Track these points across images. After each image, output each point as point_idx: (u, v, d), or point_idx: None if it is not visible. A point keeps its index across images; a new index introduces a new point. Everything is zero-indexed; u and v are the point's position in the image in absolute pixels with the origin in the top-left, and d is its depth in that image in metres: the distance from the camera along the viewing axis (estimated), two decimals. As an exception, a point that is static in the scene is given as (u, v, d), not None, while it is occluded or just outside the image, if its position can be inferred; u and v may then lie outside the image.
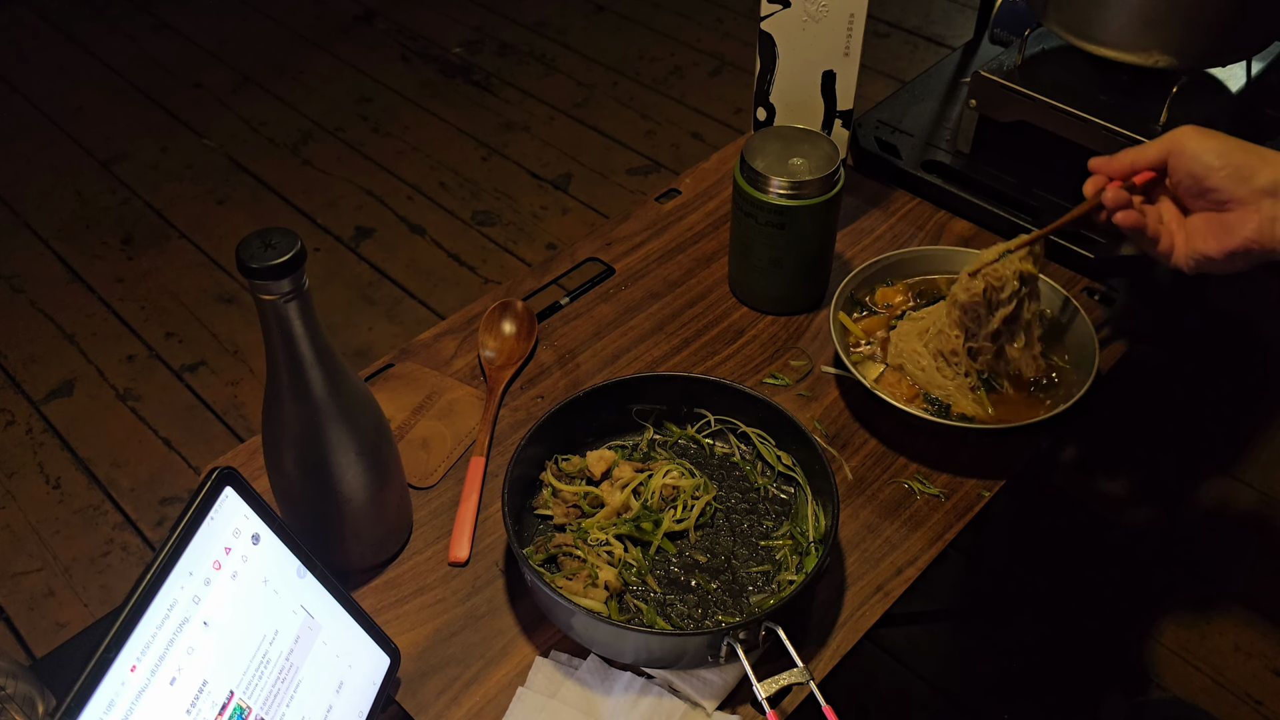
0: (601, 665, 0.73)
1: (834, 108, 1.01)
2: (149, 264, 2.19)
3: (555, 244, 2.21)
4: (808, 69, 0.98)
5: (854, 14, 0.94)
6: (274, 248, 0.61)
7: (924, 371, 0.88)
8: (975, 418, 0.86)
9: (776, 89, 1.00)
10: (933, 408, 0.87)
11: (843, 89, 0.99)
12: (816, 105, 1.01)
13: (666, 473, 0.81)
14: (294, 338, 0.65)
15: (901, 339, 0.90)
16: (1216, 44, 1.05)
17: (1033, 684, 1.43)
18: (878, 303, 0.96)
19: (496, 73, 2.73)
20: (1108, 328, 0.97)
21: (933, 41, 2.75)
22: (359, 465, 0.72)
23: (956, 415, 0.86)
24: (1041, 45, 1.20)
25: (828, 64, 0.97)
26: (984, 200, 1.14)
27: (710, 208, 1.13)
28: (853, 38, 0.96)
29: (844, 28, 0.95)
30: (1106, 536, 1.59)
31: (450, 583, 0.79)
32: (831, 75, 0.98)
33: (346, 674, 0.68)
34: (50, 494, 1.75)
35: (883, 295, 0.96)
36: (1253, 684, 1.41)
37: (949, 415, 0.86)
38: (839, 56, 0.97)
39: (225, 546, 0.61)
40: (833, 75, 0.98)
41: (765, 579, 0.78)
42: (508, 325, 0.97)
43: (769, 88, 1.00)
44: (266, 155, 2.47)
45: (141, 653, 0.55)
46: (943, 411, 0.86)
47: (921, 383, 0.88)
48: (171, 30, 2.93)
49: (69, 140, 2.53)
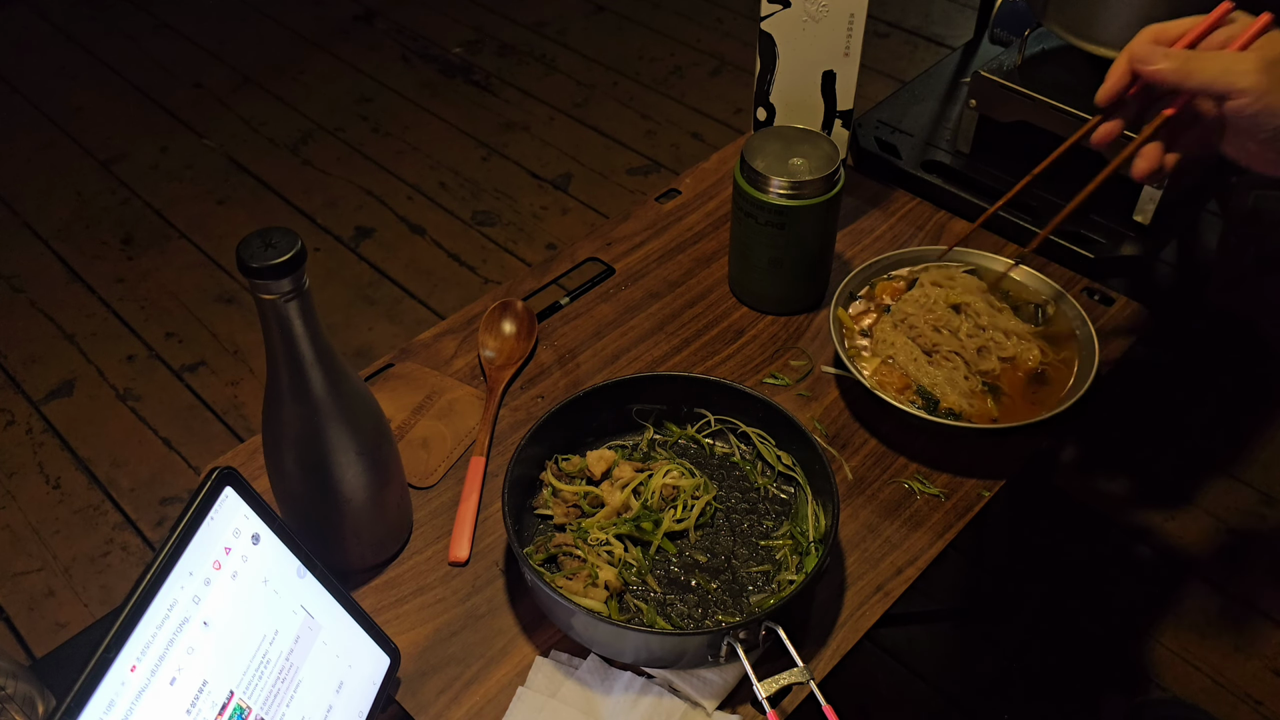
0: (601, 665, 0.73)
1: (834, 107, 1.01)
2: (149, 264, 2.19)
3: (555, 244, 2.21)
4: (808, 69, 0.98)
5: (854, 14, 0.94)
6: (274, 247, 0.61)
7: (914, 363, 0.88)
8: (967, 415, 0.86)
9: (777, 89, 1.00)
10: (923, 400, 0.87)
11: (843, 89, 0.99)
12: (816, 105, 1.01)
13: (666, 472, 0.81)
14: (294, 337, 0.65)
15: (888, 331, 0.91)
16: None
17: (1033, 684, 1.43)
18: (876, 296, 0.96)
19: (496, 73, 2.73)
20: (1108, 328, 0.97)
21: (933, 41, 2.75)
22: (359, 465, 0.72)
23: (945, 410, 0.86)
24: (1041, 45, 1.20)
25: (828, 64, 0.97)
26: (984, 200, 1.14)
27: (710, 208, 1.13)
28: (853, 38, 0.96)
29: (844, 28, 0.95)
30: (1106, 536, 1.59)
31: (450, 582, 0.79)
32: (831, 75, 0.98)
33: (346, 674, 0.68)
34: (50, 494, 1.75)
35: (881, 289, 0.96)
36: (1253, 684, 1.41)
37: (938, 410, 0.86)
38: (839, 56, 0.97)
39: (225, 546, 0.61)
40: (833, 75, 0.98)
41: (765, 579, 0.78)
42: (508, 325, 0.97)
43: (769, 88, 1.00)
44: (266, 155, 2.47)
45: (141, 653, 0.55)
46: (932, 406, 0.86)
47: (912, 375, 0.88)
48: (171, 30, 2.93)
49: (69, 140, 2.53)
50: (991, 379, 0.89)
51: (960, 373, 0.88)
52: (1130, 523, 1.61)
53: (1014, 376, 0.89)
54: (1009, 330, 0.90)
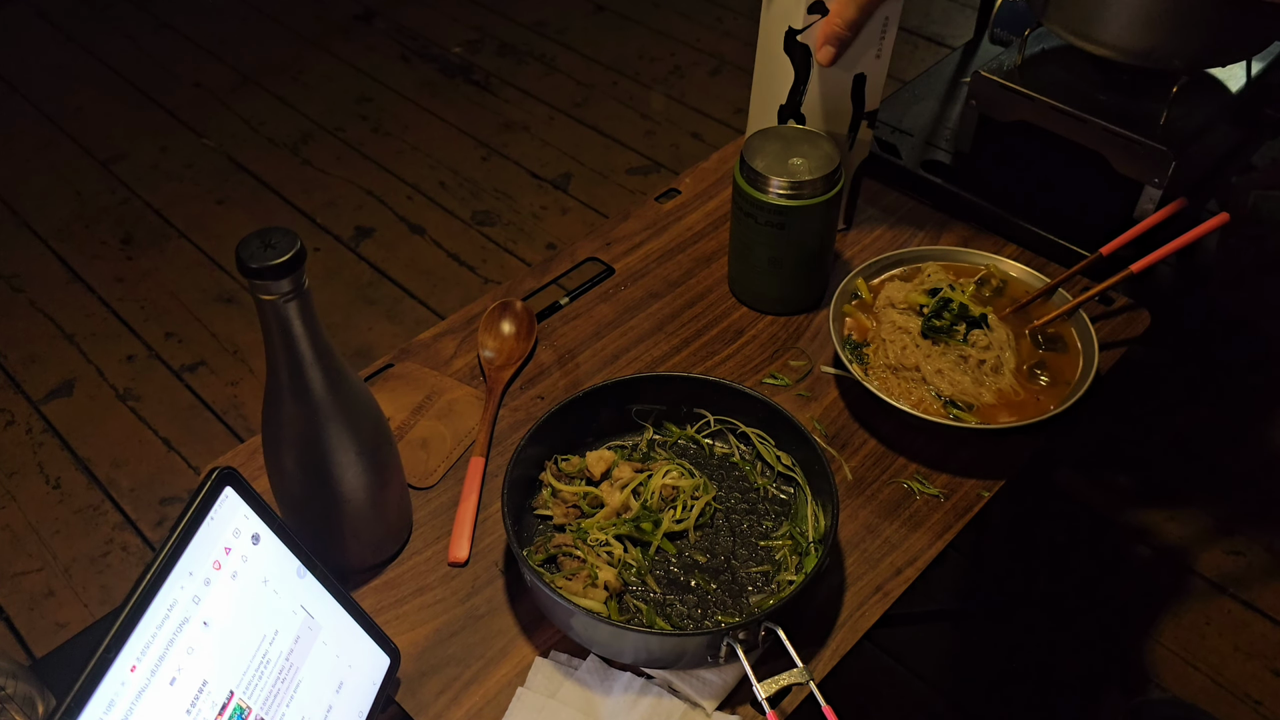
0: (601, 665, 0.73)
1: (862, 109, 1.00)
2: (149, 264, 2.19)
3: (555, 244, 2.21)
4: (841, 74, 0.97)
5: (888, 16, 0.93)
6: (274, 248, 0.61)
7: (906, 350, 0.89)
8: (969, 403, 0.86)
9: (809, 98, 0.99)
10: (923, 385, 0.87)
11: (871, 90, 0.99)
12: (846, 110, 1.00)
13: (666, 473, 0.81)
14: (294, 338, 0.65)
15: (887, 315, 0.92)
16: (1216, 44, 1.05)
17: (1033, 684, 1.43)
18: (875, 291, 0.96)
19: (496, 73, 2.73)
20: (1108, 328, 0.97)
21: (933, 41, 2.75)
22: (359, 465, 0.72)
23: (947, 401, 0.86)
24: (1041, 45, 1.20)
25: (860, 68, 0.97)
26: (984, 200, 1.14)
27: (710, 207, 1.13)
28: (885, 40, 0.95)
29: (878, 31, 0.94)
30: (1106, 536, 1.59)
31: (450, 583, 0.79)
32: (862, 78, 0.97)
33: (346, 674, 0.68)
34: (50, 494, 1.75)
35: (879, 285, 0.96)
36: (1253, 684, 1.41)
37: (940, 406, 0.86)
38: (871, 60, 0.96)
39: (225, 546, 0.61)
40: (863, 78, 0.97)
41: (765, 579, 0.78)
42: (507, 325, 0.97)
43: (800, 99, 0.99)
44: (266, 155, 2.47)
45: (141, 653, 0.55)
46: (939, 401, 0.86)
47: (909, 362, 0.88)
48: (171, 30, 2.93)
49: (69, 140, 2.53)
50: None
51: (952, 357, 0.88)
52: (1130, 523, 1.61)
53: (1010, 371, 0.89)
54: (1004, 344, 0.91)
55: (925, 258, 0.97)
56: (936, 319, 0.90)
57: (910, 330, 0.90)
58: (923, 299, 0.92)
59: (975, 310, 0.91)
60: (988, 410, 0.86)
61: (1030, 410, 0.86)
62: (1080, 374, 0.88)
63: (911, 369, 0.88)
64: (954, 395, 0.87)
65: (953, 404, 0.86)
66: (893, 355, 0.89)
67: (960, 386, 0.87)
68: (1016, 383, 0.88)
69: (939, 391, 0.87)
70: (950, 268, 0.97)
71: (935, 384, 0.87)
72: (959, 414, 0.86)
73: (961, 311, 0.91)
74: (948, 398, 0.87)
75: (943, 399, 0.87)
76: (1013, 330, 0.92)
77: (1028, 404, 0.87)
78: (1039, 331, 0.92)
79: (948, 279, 0.95)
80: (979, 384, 0.87)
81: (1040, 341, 0.92)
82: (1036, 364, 0.90)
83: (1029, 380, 0.89)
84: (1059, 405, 0.85)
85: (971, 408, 0.86)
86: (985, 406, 0.87)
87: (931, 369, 0.88)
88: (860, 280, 0.95)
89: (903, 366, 0.89)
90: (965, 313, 0.91)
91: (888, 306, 0.94)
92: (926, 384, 0.88)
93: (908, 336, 0.90)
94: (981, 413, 0.86)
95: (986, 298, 0.95)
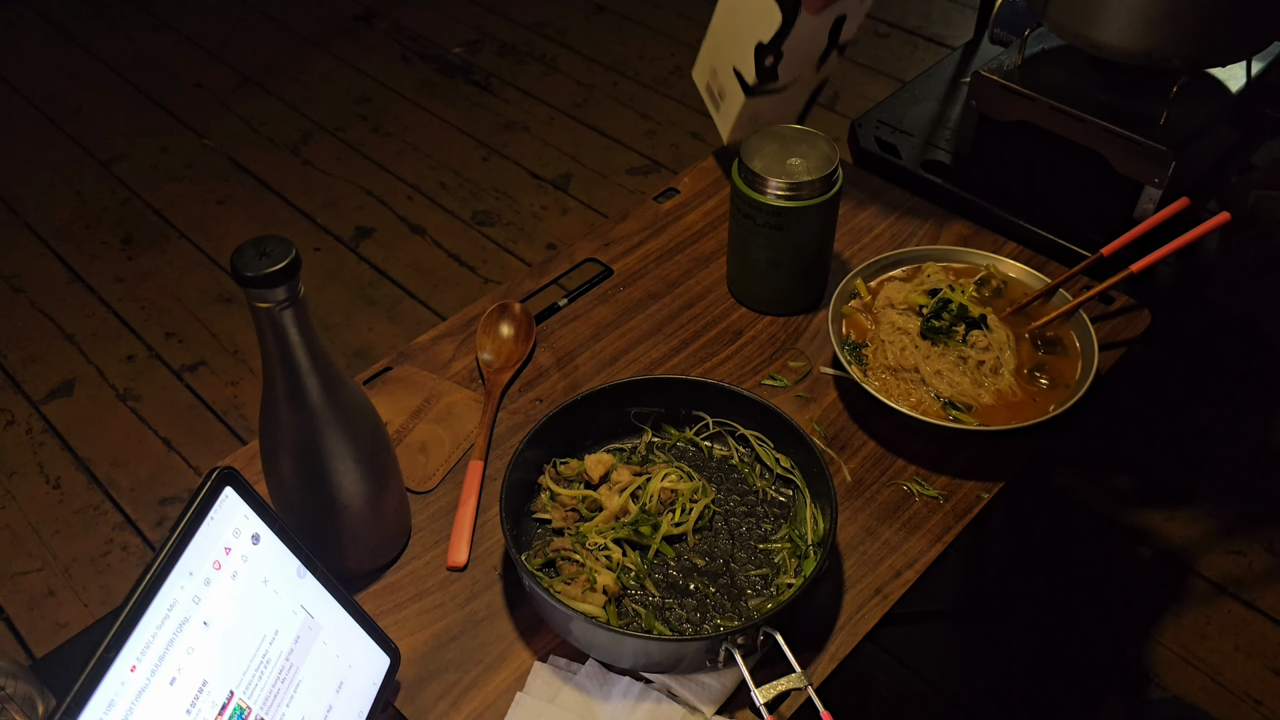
0: (600, 670, 0.73)
1: (836, 43, 1.03)
2: (149, 264, 2.19)
3: (555, 244, 2.21)
4: (825, 16, 1.00)
5: None
6: (269, 255, 0.61)
7: (916, 350, 0.89)
8: (968, 404, 0.86)
9: (791, 39, 1.02)
10: (923, 386, 0.87)
11: (848, 26, 1.02)
12: (821, 45, 1.04)
13: (665, 476, 0.81)
14: (290, 345, 0.65)
15: (886, 316, 0.92)
16: (1216, 44, 1.05)
17: (1033, 684, 1.43)
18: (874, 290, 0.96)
19: (496, 73, 2.72)
20: (1108, 328, 0.97)
21: (933, 41, 2.74)
22: (357, 472, 0.72)
23: (946, 402, 0.86)
24: (1041, 45, 1.20)
25: (842, 8, 1.00)
26: (984, 200, 1.14)
27: (709, 206, 1.12)
28: None
29: None
30: (1106, 536, 1.59)
31: (449, 587, 0.79)
32: (843, 18, 1.01)
33: (346, 674, 0.68)
34: (50, 494, 1.75)
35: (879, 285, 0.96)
36: (1253, 684, 1.41)
37: (939, 407, 0.86)
38: (855, 2, 0.99)
39: (225, 546, 0.61)
40: (844, 18, 1.01)
41: (764, 582, 0.78)
42: (505, 328, 0.97)
43: (783, 41, 1.02)
44: (266, 155, 2.47)
45: (141, 653, 0.55)
46: (939, 403, 0.86)
47: (908, 363, 0.88)
48: (171, 30, 2.93)
49: (69, 140, 2.53)
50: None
51: (951, 358, 0.88)
52: (1130, 523, 1.61)
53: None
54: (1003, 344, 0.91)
55: (925, 258, 0.97)
56: (936, 320, 0.90)
57: (909, 331, 0.90)
58: (922, 299, 0.92)
59: (975, 311, 0.91)
60: (987, 411, 0.86)
61: (1029, 412, 0.86)
62: (1080, 376, 0.88)
63: (910, 370, 0.88)
64: (953, 396, 0.87)
65: (952, 405, 0.86)
66: (892, 356, 0.89)
67: (959, 388, 0.87)
68: (1016, 384, 0.88)
69: (938, 393, 0.87)
70: (950, 268, 0.97)
71: (934, 385, 0.87)
72: (958, 415, 0.86)
73: (961, 312, 0.91)
74: (947, 399, 0.87)
75: (942, 400, 0.87)
76: (1012, 331, 0.92)
77: (1027, 405, 0.87)
78: (1038, 335, 0.92)
79: (947, 279, 0.95)
80: (978, 385, 0.87)
81: (1040, 345, 0.92)
82: (1036, 366, 0.90)
83: (1028, 382, 0.89)
84: (1058, 406, 0.85)
85: (971, 409, 0.86)
86: (984, 408, 0.87)
87: (930, 370, 0.88)
88: (859, 281, 0.95)
89: (902, 367, 0.89)
90: (965, 313, 0.91)
91: (887, 307, 0.94)
92: (926, 385, 0.88)
93: (907, 337, 0.90)
94: (981, 414, 0.86)
95: (986, 298, 0.95)
